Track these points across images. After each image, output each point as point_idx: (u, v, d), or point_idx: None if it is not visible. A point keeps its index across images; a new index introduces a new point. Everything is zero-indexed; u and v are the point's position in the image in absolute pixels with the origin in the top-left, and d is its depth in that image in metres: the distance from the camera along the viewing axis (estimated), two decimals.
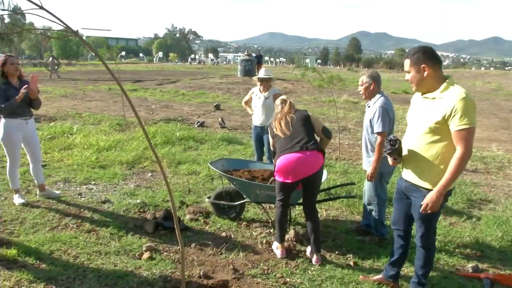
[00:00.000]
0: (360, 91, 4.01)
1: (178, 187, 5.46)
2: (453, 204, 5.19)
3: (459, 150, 2.50)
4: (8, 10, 1.81)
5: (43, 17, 1.91)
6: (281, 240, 3.74)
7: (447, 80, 2.62)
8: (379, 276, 3.31)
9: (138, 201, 4.77)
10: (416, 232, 2.92)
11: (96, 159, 6.39)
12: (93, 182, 5.46)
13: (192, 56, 66.74)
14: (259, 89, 5.53)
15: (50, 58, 22.70)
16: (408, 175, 2.84)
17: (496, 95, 20.55)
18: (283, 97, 4.08)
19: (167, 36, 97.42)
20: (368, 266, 3.61)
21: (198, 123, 10.07)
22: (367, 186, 4.07)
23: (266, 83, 5.44)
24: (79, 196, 4.89)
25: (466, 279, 3.41)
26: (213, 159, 6.87)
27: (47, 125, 8.78)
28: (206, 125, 10.15)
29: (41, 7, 1.96)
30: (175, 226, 2.38)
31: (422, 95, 2.75)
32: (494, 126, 12.01)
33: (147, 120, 10.25)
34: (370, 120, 3.86)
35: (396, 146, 2.77)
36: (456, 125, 2.48)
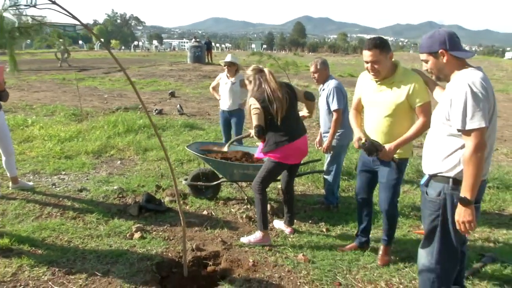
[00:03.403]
0: (313, 77, 4.43)
1: (150, 173, 5.61)
2: (405, 175, 5.79)
3: (421, 119, 2.93)
4: (29, 5, 1.93)
5: (57, 11, 2.05)
6: (266, 226, 3.69)
7: (398, 66, 2.98)
8: (353, 244, 3.64)
9: (115, 187, 4.89)
10: (379, 198, 3.32)
11: (60, 150, 6.34)
12: (63, 172, 5.47)
13: (136, 43, 64.69)
14: (226, 75, 5.76)
15: (62, 47, 22.41)
16: None
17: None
18: (256, 66, 3.76)
19: (108, 22, 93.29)
20: (339, 231, 4.05)
21: (156, 111, 10.10)
22: (327, 159, 4.52)
23: (231, 68, 5.67)
24: (53, 186, 4.91)
25: (420, 235, 3.95)
26: (179, 144, 7.08)
27: None
28: (165, 113, 10.20)
29: (54, 2, 2.10)
30: (177, 205, 2.62)
31: (380, 82, 3.00)
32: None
33: (103, 109, 10.09)
34: (327, 100, 4.28)
35: (369, 145, 2.99)
36: (417, 101, 2.90)
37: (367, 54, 2.93)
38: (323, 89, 4.38)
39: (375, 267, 3.35)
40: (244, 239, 3.69)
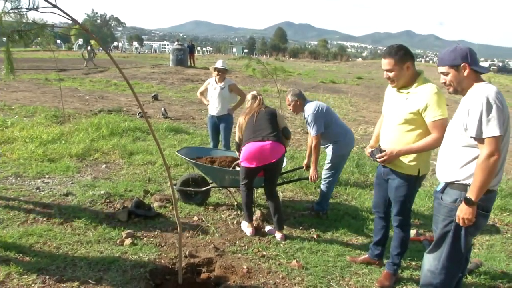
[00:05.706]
0: (290, 109, 4.50)
1: (137, 177, 5.53)
2: None
3: (434, 134, 2.78)
4: (30, 8, 1.88)
5: (58, 14, 2.01)
6: (250, 219, 4.09)
7: (420, 76, 2.91)
8: (365, 256, 3.57)
9: (102, 192, 4.79)
10: (392, 213, 3.22)
11: (43, 153, 6.17)
12: (47, 176, 5.33)
13: (115, 43, 63.83)
14: (215, 80, 5.75)
15: (88, 48, 23.54)
16: None
17: None
18: (254, 92, 4.37)
19: (87, 22, 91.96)
20: (329, 237, 4.09)
21: (140, 114, 9.97)
22: (325, 165, 4.56)
23: (222, 74, 5.68)
24: (38, 190, 4.78)
25: (410, 242, 4.02)
26: (164, 149, 7.00)
27: None
28: (148, 116, 10.07)
29: (55, 6, 2.06)
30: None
31: (397, 90, 2.98)
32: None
33: (85, 111, 9.90)
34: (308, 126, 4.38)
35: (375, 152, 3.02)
36: (431, 116, 2.76)
37: (383, 62, 2.91)
38: (305, 117, 4.44)
39: (367, 273, 3.39)
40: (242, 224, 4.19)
